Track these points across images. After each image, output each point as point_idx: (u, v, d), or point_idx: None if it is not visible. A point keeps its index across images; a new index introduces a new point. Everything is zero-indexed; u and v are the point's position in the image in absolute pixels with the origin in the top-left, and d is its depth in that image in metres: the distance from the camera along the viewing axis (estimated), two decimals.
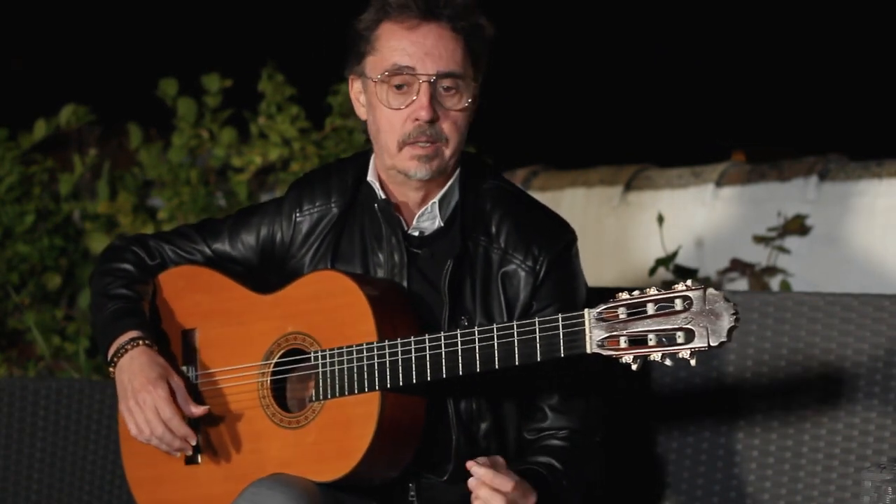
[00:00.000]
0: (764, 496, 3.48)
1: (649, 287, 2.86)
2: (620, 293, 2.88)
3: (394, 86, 3.11)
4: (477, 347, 2.98)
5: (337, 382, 3.09)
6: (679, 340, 2.82)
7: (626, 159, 5.13)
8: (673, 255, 4.54)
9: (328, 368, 3.11)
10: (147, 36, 8.15)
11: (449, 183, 3.19)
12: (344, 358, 3.09)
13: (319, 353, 3.12)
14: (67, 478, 4.10)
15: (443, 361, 3.01)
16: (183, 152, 5.30)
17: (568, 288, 3.19)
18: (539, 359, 2.94)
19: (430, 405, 3.10)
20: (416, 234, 3.20)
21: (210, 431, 3.25)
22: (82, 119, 5.55)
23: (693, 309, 2.81)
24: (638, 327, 2.85)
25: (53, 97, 5.74)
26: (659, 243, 4.65)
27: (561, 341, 2.91)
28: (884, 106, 7.26)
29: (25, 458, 4.07)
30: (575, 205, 4.97)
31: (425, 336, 3.02)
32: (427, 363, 3.02)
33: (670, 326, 2.82)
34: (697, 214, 4.68)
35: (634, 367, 2.85)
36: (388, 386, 3.04)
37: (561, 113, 8.14)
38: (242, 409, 3.21)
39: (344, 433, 3.07)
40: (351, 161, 3.31)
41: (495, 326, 2.97)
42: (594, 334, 2.88)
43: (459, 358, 3.00)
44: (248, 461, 3.19)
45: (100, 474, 4.12)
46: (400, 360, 3.03)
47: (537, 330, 2.94)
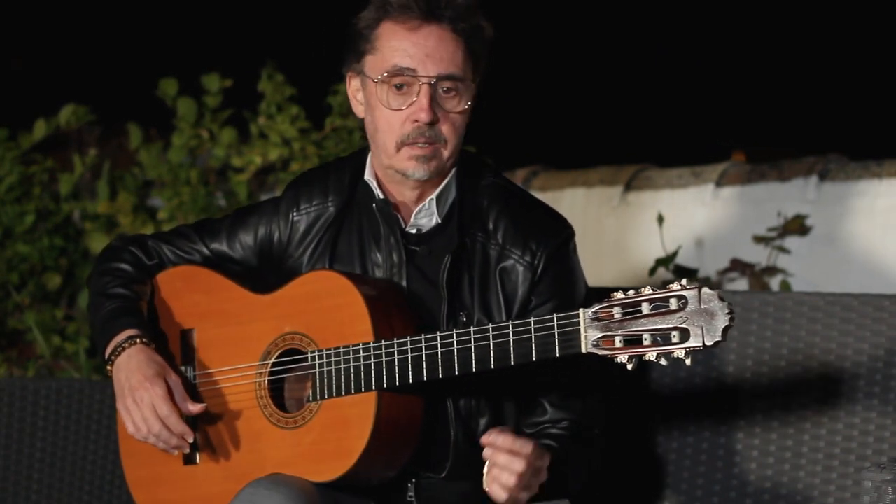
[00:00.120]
0: (764, 496, 3.48)
1: (644, 286, 2.86)
2: (615, 293, 2.87)
3: (394, 86, 3.11)
4: (472, 347, 2.98)
5: (334, 382, 3.09)
6: (674, 340, 2.81)
7: (626, 159, 5.12)
8: (673, 256, 4.54)
9: (325, 368, 3.11)
10: (147, 36, 8.15)
11: (446, 180, 3.19)
12: (341, 358, 3.09)
13: (316, 353, 3.12)
14: (67, 478, 4.10)
15: (439, 361, 3.01)
16: (183, 152, 5.30)
17: (567, 283, 3.19)
18: (534, 359, 2.93)
19: (429, 402, 3.10)
20: (414, 232, 3.20)
21: (208, 431, 3.25)
22: (82, 119, 5.54)
23: (688, 308, 2.81)
24: (633, 327, 2.84)
25: (53, 97, 5.74)
26: (659, 243, 4.65)
27: (556, 341, 2.91)
28: (884, 106, 7.26)
29: (25, 458, 4.07)
30: (575, 205, 4.97)
31: (421, 336, 3.02)
32: (423, 363, 3.02)
33: (665, 326, 2.82)
34: (697, 214, 4.68)
35: (630, 367, 2.85)
36: (385, 386, 3.04)
37: (561, 113, 8.14)
38: (240, 410, 3.21)
39: (341, 433, 3.06)
40: (348, 160, 3.31)
41: (491, 326, 2.97)
42: (589, 334, 2.88)
43: (455, 358, 2.99)
44: (246, 461, 3.18)
45: (100, 474, 4.12)
46: (396, 360, 3.03)
47: (532, 330, 2.93)
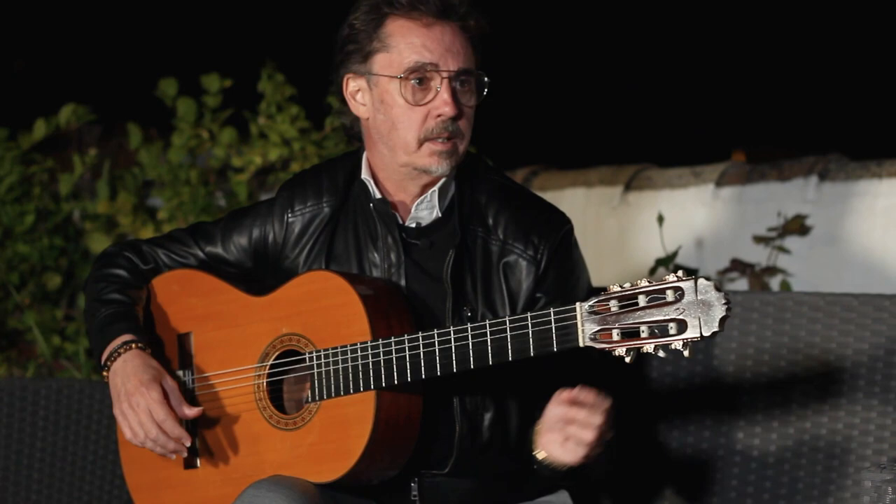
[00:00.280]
0: (764, 496, 3.48)
1: (640, 279, 2.86)
2: (612, 286, 2.87)
3: (414, 82, 3.12)
4: (470, 344, 2.98)
5: (332, 383, 3.09)
6: (671, 331, 2.81)
7: (626, 159, 5.12)
8: (673, 255, 4.54)
9: (323, 369, 3.11)
10: (147, 36, 8.15)
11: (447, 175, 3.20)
12: (339, 358, 3.09)
13: (314, 354, 3.12)
14: (67, 478, 4.10)
15: (437, 359, 3.01)
16: (183, 152, 5.30)
17: (572, 277, 3.20)
18: (532, 353, 2.94)
19: (434, 398, 3.10)
20: (413, 226, 3.20)
21: (208, 435, 3.25)
22: (82, 119, 5.54)
23: (685, 300, 2.80)
24: (630, 319, 2.84)
25: (53, 97, 5.74)
26: (659, 243, 4.65)
27: (553, 335, 2.91)
28: (884, 106, 7.26)
29: (25, 458, 4.07)
30: (575, 205, 4.97)
31: (419, 334, 3.02)
32: (421, 361, 3.02)
33: (662, 318, 2.82)
34: (697, 214, 4.68)
35: (628, 360, 2.85)
36: (384, 385, 3.04)
37: (561, 113, 8.14)
38: (239, 412, 3.21)
39: (341, 433, 3.06)
40: (339, 161, 3.31)
41: (488, 322, 2.97)
42: (586, 328, 2.88)
43: (453, 355, 3.00)
44: (247, 464, 3.18)
45: (100, 474, 4.12)
46: (394, 359, 3.03)
47: (530, 325, 2.93)
